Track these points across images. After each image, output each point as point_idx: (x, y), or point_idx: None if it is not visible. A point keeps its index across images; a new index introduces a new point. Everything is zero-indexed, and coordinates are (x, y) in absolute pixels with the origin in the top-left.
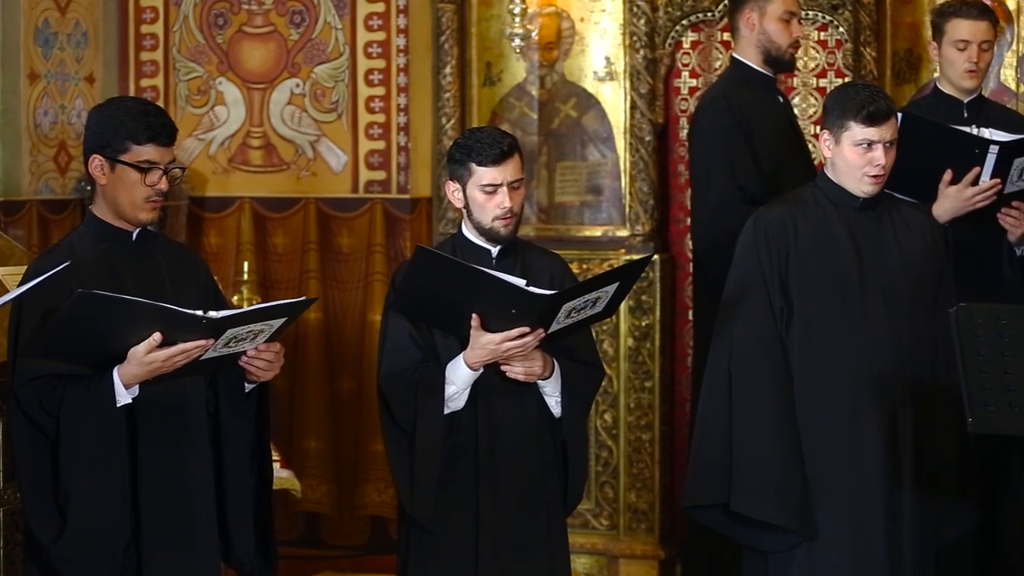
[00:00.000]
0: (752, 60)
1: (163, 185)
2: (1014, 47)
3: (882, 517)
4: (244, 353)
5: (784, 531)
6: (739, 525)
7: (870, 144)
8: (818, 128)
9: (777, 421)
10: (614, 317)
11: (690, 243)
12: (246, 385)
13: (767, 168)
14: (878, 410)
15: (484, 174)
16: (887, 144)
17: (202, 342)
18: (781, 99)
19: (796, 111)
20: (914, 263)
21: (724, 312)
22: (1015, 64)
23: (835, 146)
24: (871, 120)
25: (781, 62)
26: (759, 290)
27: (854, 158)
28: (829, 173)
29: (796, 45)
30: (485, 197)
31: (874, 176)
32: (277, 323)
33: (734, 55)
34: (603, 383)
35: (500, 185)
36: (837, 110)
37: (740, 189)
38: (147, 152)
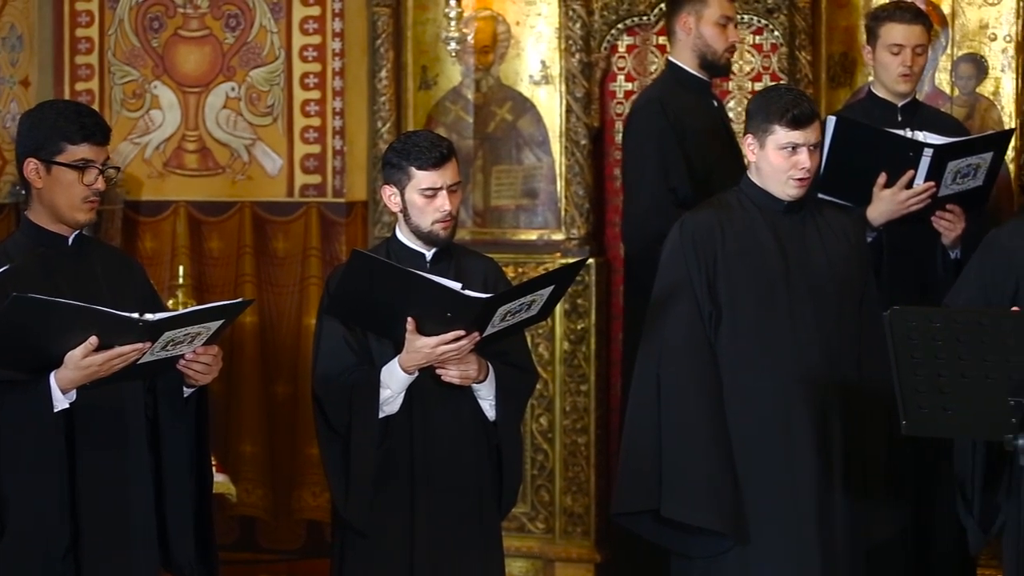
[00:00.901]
0: (687, 64)
1: (100, 184)
2: (948, 51)
3: (813, 519)
4: (182, 357)
5: (715, 536)
6: (669, 531)
7: (794, 147)
8: (745, 132)
9: (707, 425)
10: (549, 320)
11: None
12: (185, 389)
13: (700, 171)
14: (808, 412)
15: (423, 178)
16: (811, 147)
17: (139, 345)
18: (715, 103)
19: (731, 115)
20: (839, 265)
21: (652, 317)
22: (949, 68)
23: (760, 150)
24: (795, 123)
25: (717, 66)
26: (687, 294)
27: (778, 161)
28: (754, 177)
29: (732, 49)
30: (424, 201)
31: (799, 179)
32: (214, 326)
33: (670, 58)
34: (538, 387)
35: (440, 189)
36: (761, 114)
37: (672, 192)
38: (82, 151)
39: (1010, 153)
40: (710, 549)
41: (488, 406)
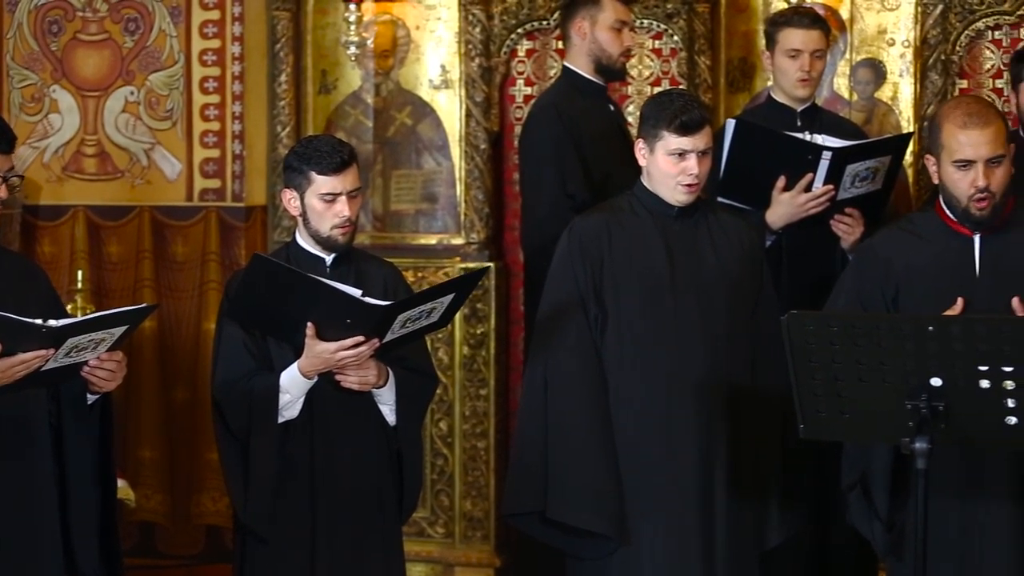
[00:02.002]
0: (583, 68)
1: (2, 193)
2: (847, 56)
3: (697, 523)
4: (86, 363)
5: (601, 538)
6: (558, 532)
7: (683, 153)
8: (637, 137)
9: (592, 428)
10: (449, 325)
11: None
12: (88, 396)
13: (597, 176)
14: (693, 416)
15: (324, 183)
16: (700, 153)
17: (42, 352)
18: (612, 107)
19: (631, 119)
20: (731, 270)
21: (541, 321)
22: (848, 73)
23: (650, 155)
24: (684, 130)
25: (612, 71)
26: (574, 299)
27: (667, 167)
28: (645, 182)
29: (627, 54)
30: (324, 206)
31: (687, 185)
32: (118, 332)
33: (565, 63)
34: (438, 391)
35: (340, 194)
36: (651, 119)
37: (570, 197)
38: None
39: (908, 157)
40: (597, 551)
41: (388, 411)
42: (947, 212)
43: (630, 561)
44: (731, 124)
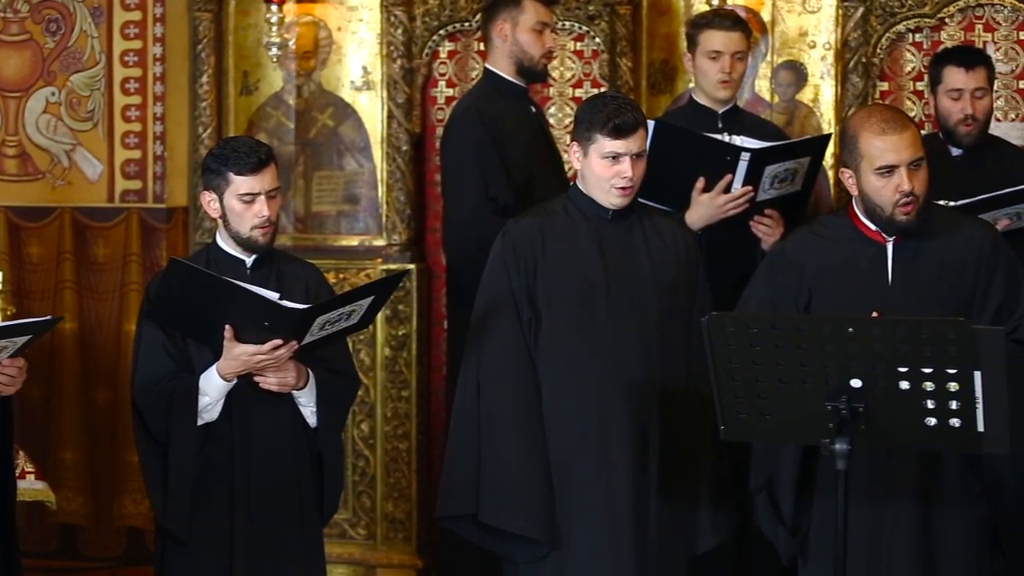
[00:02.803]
0: (504, 70)
1: None
2: (768, 58)
3: (630, 527)
4: None
5: (534, 541)
6: (491, 535)
7: (617, 156)
8: (571, 140)
9: (524, 432)
10: (371, 327)
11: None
12: None
13: (519, 179)
14: (627, 420)
15: (242, 183)
16: (634, 156)
17: None
18: (534, 109)
19: (552, 121)
20: (666, 273)
21: (475, 324)
22: (769, 75)
23: (583, 158)
24: (617, 133)
25: (534, 72)
26: (508, 302)
27: (601, 170)
28: (580, 185)
29: (549, 55)
30: (243, 207)
31: (621, 188)
32: (21, 340)
33: (487, 65)
34: (360, 393)
35: (258, 194)
36: (585, 122)
37: (492, 200)
38: None
39: (828, 159)
40: (530, 554)
41: (309, 413)
42: (864, 220)
43: (564, 564)
44: (650, 125)
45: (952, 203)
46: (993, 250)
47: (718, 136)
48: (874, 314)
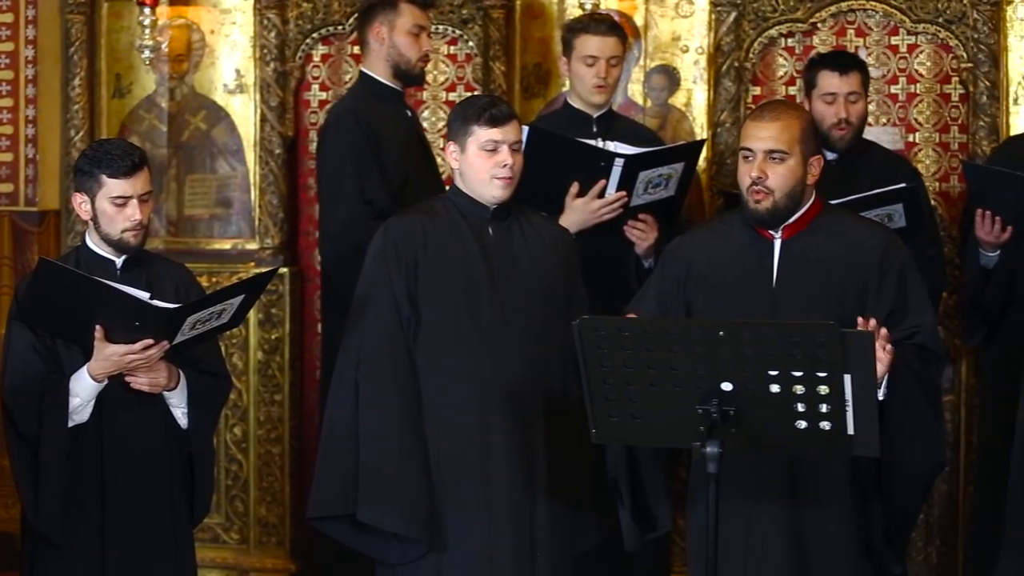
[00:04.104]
0: (381, 74)
1: None
2: (641, 62)
3: (509, 526)
4: None
5: (411, 542)
6: (366, 536)
7: (495, 146)
8: (447, 141)
9: (403, 431)
10: (244, 330)
11: (318, 256)
12: None
13: (395, 182)
14: (508, 420)
15: (114, 187)
16: (512, 146)
17: None
18: (409, 112)
19: (426, 124)
20: (545, 274)
21: (353, 322)
22: (642, 79)
23: (461, 155)
24: (493, 121)
25: (410, 76)
26: (387, 300)
27: (480, 162)
28: (459, 184)
29: (425, 59)
30: (115, 210)
31: (503, 178)
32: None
33: (362, 69)
34: (232, 396)
35: (130, 198)
36: (460, 119)
37: (368, 203)
38: None
39: (702, 163)
40: (407, 555)
41: (180, 414)
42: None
43: (441, 565)
44: (525, 130)
45: None
46: (884, 254)
47: (592, 141)
48: None
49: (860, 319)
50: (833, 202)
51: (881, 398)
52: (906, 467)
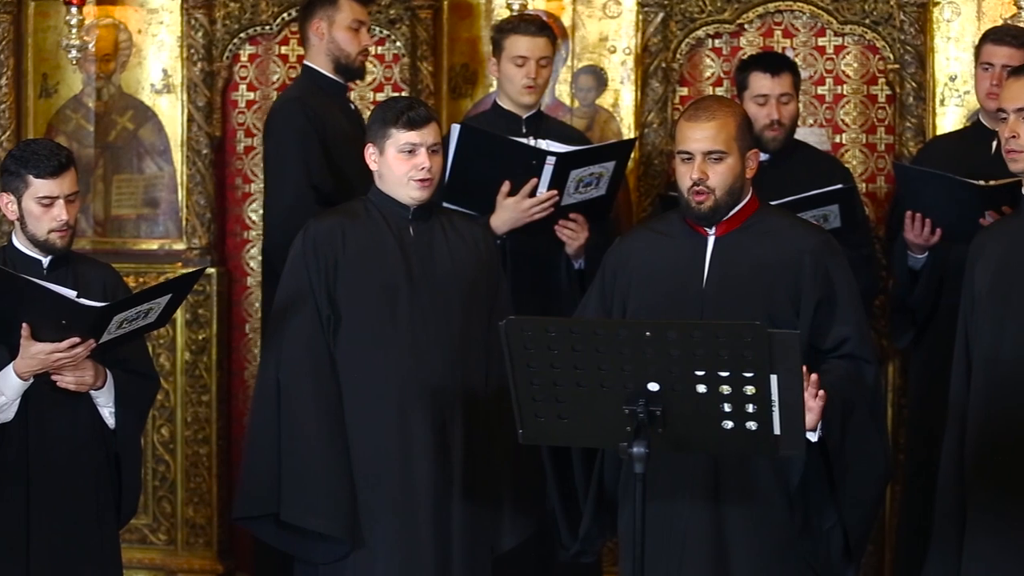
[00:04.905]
0: (323, 67)
1: None
2: (569, 63)
3: (430, 526)
4: None
5: (335, 541)
6: (290, 536)
7: (413, 148)
8: (366, 143)
9: (323, 431)
10: (171, 330)
11: (246, 256)
12: None
13: (341, 171)
14: (427, 419)
15: (41, 187)
16: (430, 148)
17: None
18: (353, 106)
19: None
20: (466, 274)
21: (274, 322)
22: (570, 80)
23: (380, 157)
24: (411, 124)
25: (351, 70)
26: (307, 300)
27: (398, 164)
28: (379, 185)
29: (365, 53)
30: (41, 210)
31: (420, 180)
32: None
33: (306, 63)
34: (160, 397)
35: (57, 198)
36: (379, 122)
37: (315, 189)
38: None
39: (629, 165)
40: (330, 554)
41: (108, 413)
42: None
43: (364, 564)
44: (456, 129)
45: None
46: (816, 257)
47: (523, 140)
48: None
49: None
50: (771, 203)
51: (815, 439)
52: (855, 493)
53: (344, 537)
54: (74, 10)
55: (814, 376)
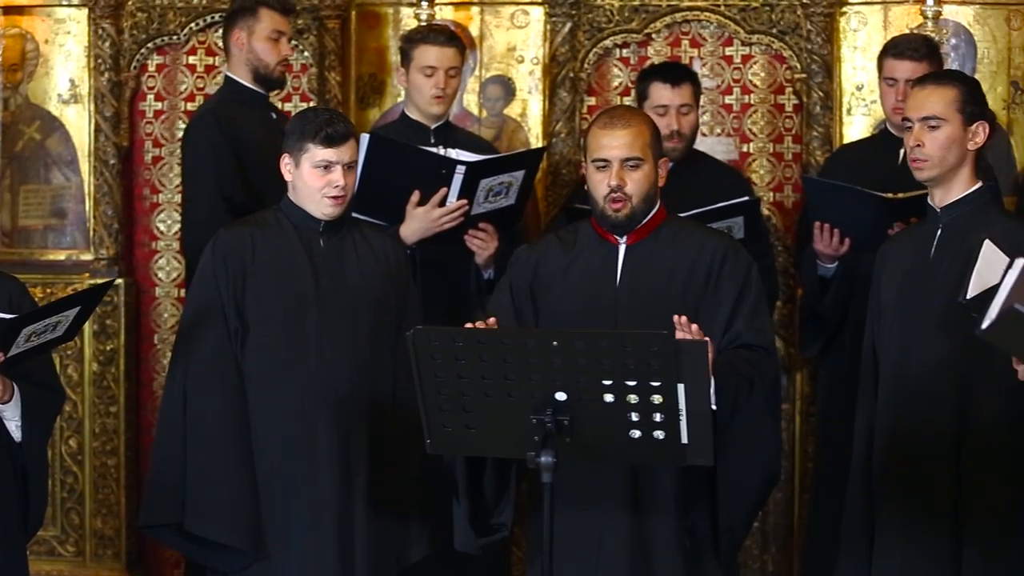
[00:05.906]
0: (243, 78)
1: None
2: (477, 72)
3: (333, 537)
4: None
5: (238, 551)
6: (197, 545)
7: (328, 165)
8: (282, 152)
9: (228, 441)
10: (78, 341)
11: (154, 267)
12: None
13: (258, 182)
14: (333, 431)
15: None
16: (345, 166)
17: None
18: (274, 115)
19: None
20: (375, 286)
21: (181, 333)
22: (478, 89)
23: (295, 169)
24: (329, 141)
25: (270, 80)
26: (215, 311)
27: (313, 180)
28: (292, 196)
29: (285, 63)
30: None
31: (333, 197)
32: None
33: (227, 73)
34: (67, 408)
35: None
36: (296, 134)
37: (227, 200)
38: None
39: (537, 175)
40: (234, 564)
41: (14, 427)
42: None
43: (270, 575)
44: (365, 138)
45: None
46: (723, 260)
47: (432, 149)
48: None
49: (676, 316)
50: (679, 215)
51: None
52: (738, 479)
53: (245, 547)
54: None
55: (695, 326)
